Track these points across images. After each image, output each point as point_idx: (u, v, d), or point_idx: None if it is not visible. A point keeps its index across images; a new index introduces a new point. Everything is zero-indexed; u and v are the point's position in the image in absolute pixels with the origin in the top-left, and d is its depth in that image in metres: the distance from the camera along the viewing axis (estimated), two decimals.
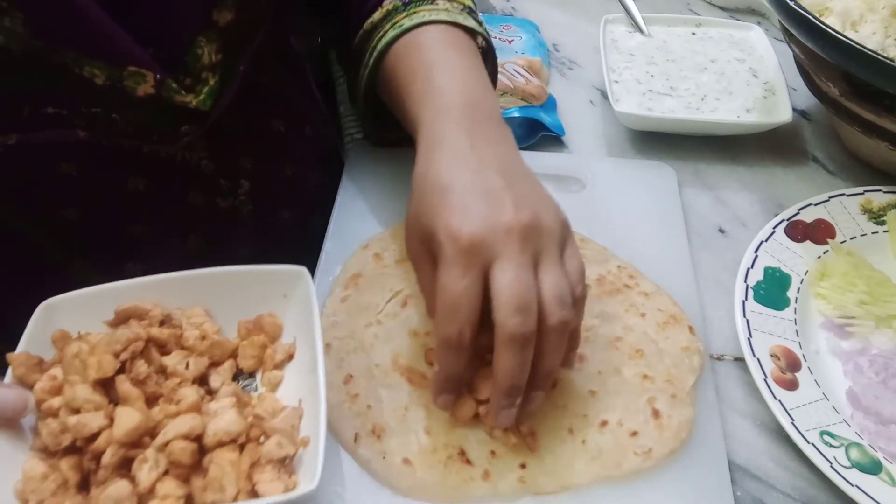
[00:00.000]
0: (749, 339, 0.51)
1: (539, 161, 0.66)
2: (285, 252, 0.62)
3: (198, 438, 0.37)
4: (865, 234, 0.60)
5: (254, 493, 0.37)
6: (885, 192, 0.62)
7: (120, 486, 0.35)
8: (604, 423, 0.47)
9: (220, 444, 0.37)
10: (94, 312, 0.43)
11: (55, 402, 0.38)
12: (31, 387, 0.39)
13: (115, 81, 0.43)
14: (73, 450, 0.37)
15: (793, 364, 0.50)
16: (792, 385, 0.49)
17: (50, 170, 0.46)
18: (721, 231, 0.63)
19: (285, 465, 0.39)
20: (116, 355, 0.39)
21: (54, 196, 0.48)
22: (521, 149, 0.67)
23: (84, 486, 0.37)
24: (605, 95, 0.73)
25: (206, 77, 0.47)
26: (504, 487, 0.44)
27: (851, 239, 0.59)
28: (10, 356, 0.39)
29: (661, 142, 0.70)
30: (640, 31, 0.77)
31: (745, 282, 0.55)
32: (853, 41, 0.54)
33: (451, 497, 0.44)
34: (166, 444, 0.36)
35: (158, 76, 0.44)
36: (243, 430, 0.38)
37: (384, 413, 0.47)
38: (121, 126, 0.45)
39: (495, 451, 0.45)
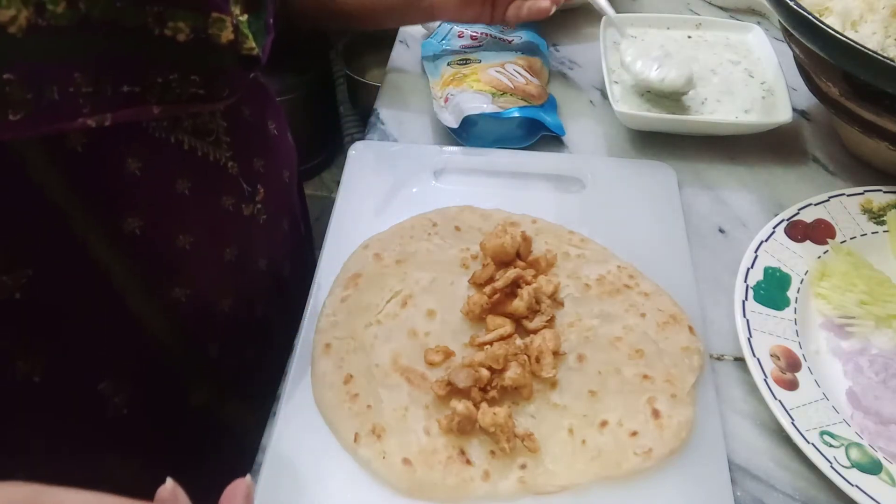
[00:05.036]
0: (749, 339, 0.51)
1: (539, 161, 0.66)
2: (291, 260, 0.63)
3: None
4: (865, 234, 0.60)
5: None
6: (885, 192, 0.62)
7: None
8: (604, 423, 0.47)
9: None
10: None
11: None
12: None
13: (199, 33, 0.41)
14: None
15: (793, 364, 0.50)
16: (792, 385, 0.49)
17: (119, 168, 0.44)
18: (721, 231, 0.63)
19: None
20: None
21: (120, 201, 0.45)
22: (521, 149, 0.68)
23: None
24: (605, 95, 0.73)
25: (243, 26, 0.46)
26: (504, 487, 0.44)
27: (851, 239, 0.59)
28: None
29: (661, 142, 0.70)
30: (605, 12, 0.75)
31: (745, 282, 0.55)
32: (853, 41, 0.54)
33: (451, 497, 0.44)
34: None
35: (234, 21, 0.43)
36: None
37: (384, 413, 0.47)
38: (195, 89, 0.44)
39: (495, 451, 0.45)
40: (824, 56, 0.57)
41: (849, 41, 0.54)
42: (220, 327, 0.55)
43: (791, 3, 0.58)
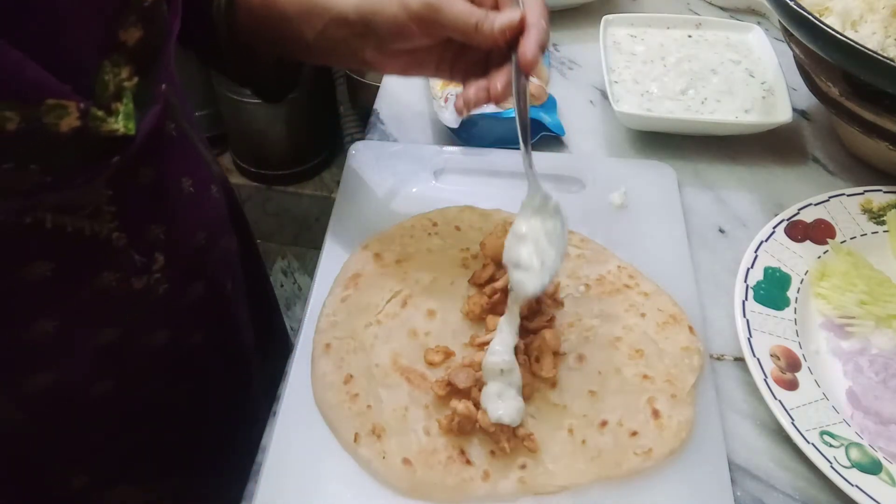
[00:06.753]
0: (749, 339, 0.51)
1: (539, 161, 0.66)
2: (206, 328, 0.58)
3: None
4: (865, 234, 0.60)
5: None
6: (885, 192, 0.62)
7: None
8: (604, 423, 0.47)
9: None
10: None
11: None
12: None
13: (31, 122, 0.35)
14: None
15: (793, 364, 0.50)
16: (792, 385, 0.49)
17: None
18: (721, 231, 0.63)
19: None
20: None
21: None
22: None
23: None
24: (605, 95, 0.73)
25: (116, 107, 0.40)
26: (504, 487, 0.44)
27: (851, 239, 0.59)
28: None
29: (661, 142, 0.70)
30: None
31: (745, 282, 0.55)
32: (853, 41, 0.54)
33: (451, 497, 0.44)
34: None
35: (82, 105, 0.37)
36: None
37: (384, 413, 0.47)
38: (37, 177, 0.38)
39: (495, 452, 0.45)
40: (824, 56, 0.57)
41: (849, 41, 0.54)
42: (96, 412, 0.51)
43: (791, 3, 0.58)
